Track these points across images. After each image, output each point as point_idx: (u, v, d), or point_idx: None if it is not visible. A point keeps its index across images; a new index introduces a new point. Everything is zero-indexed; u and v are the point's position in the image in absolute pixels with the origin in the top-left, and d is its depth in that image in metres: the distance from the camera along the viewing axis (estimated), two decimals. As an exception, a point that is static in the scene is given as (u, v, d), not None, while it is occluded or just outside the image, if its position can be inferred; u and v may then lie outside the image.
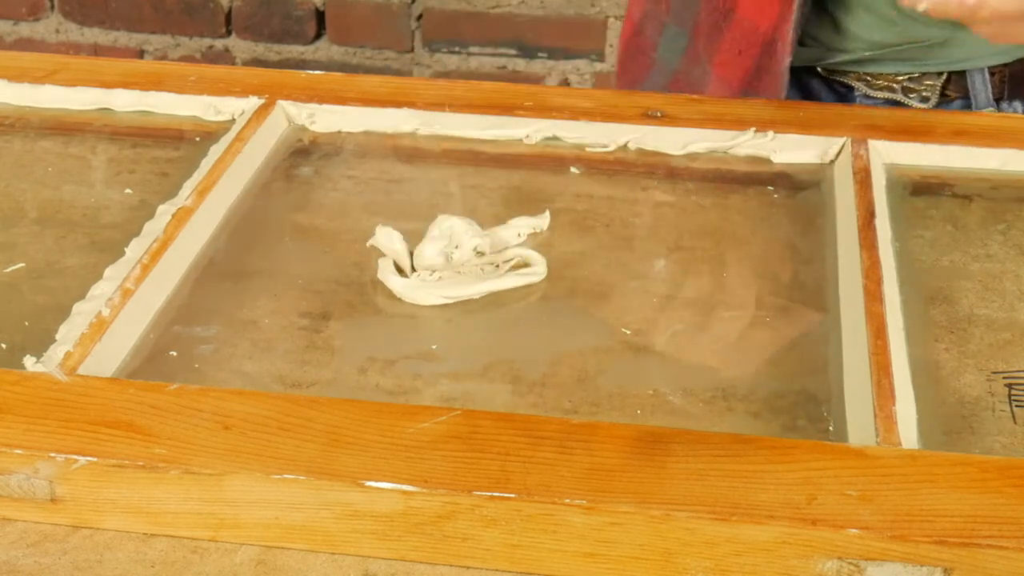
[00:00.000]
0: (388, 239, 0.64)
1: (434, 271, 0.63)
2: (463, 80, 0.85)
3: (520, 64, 1.69)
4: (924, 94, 0.87)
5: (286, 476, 0.49)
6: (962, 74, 0.87)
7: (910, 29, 0.83)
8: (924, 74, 0.87)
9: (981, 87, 0.87)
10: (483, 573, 0.49)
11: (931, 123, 0.76)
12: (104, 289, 0.60)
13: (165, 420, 0.52)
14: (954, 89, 0.87)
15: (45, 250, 0.67)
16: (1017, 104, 0.88)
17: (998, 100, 0.87)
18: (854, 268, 0.62)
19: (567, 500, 0.48)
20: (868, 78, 0.88)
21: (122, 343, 0.59)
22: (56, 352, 0.56)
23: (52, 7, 1.91)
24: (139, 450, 0.50)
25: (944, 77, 0.87)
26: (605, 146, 0.76)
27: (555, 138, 0.77)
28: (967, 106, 0.87)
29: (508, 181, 0.73)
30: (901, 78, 0.87)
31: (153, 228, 0.65)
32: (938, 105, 0.87)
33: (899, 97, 0.87)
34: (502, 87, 0.81)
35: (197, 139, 0.77)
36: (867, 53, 0.86)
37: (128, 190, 0.72)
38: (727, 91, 0.85)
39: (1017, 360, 0.58)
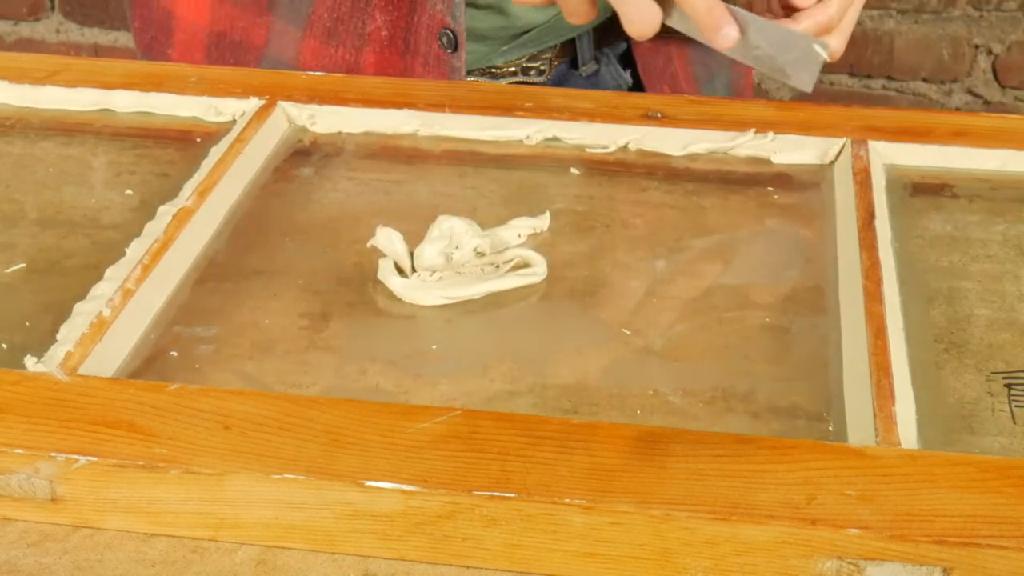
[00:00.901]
0: (388, 239, 0.64)
1: (434, 271, 0.63)
2: (463, 81, 0.85)
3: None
4: (540, 68, 0.92)
5: (286, 476, 0.49)
6: (570, 40, 0.93)
7: (526, 18, 0.88)
8: (540, 52, 0.93)
9: (587, 47, 0.94)
10: (483, 573, 0.49)
11: (931, 124, 0.76)
12: (105, 289, 0.60)
13: (165, 420, 0.52)
14: (561, 54, 0.93)
15: (46, 250, 0.67)
16: (608, 51, 0.95)
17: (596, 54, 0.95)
18: (854, 268, 0.63)
19: (567, 500, 0.48)
20: (492, 71, 0.92)
21: (123, 343, 0.59)
22: (57, 352, 0.56)
23: (52, 7, 1.92)
24: (139, 450, 0.50)
25: (556, 48, 0.93)
26: (605, 147, 0.76)
27: (555, 139, 0.77)
28: (574, 66, 0.94)
29: (508, 182, 0.73)
30: (520, 60, 0.92)
31: (154, 229, 0.65)
32: (551, 74, 0.92)
33: (520, 78, 0.92)
34: (502, 88, 0.81)
35: (198, 140, 0.77)
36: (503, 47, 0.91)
37: (129, 191, 0.72)
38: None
39: (1017, 360, 0.58)
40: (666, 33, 0.72)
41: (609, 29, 0.94)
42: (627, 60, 0.97)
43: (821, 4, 0.72)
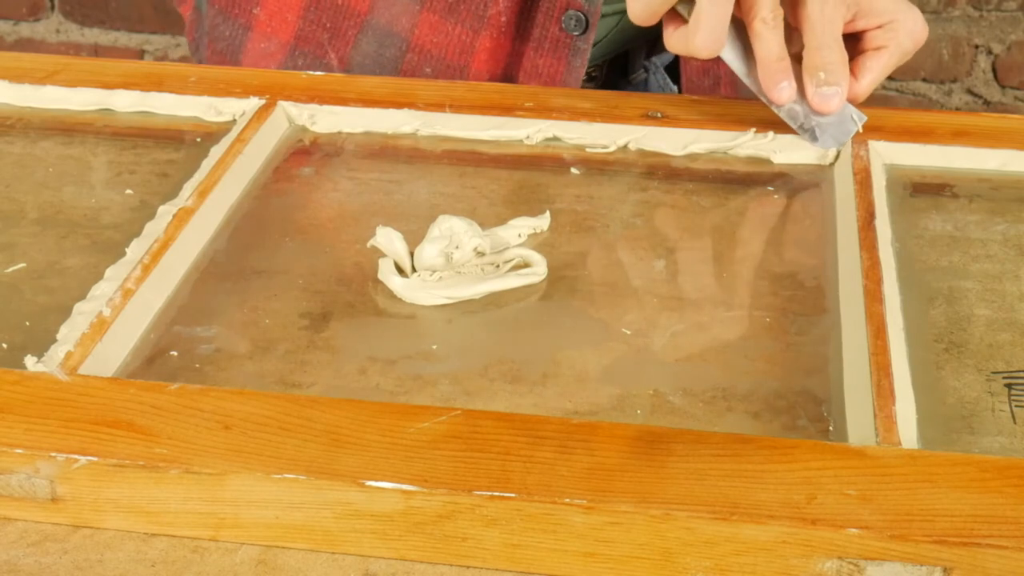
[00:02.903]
0: (388, 239, 0.64)
1: (434, 271, 0.63)
2: (463, 81, 0.85)
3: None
4: (593, 74, 0.92)
5: (287, 476, 0.49)
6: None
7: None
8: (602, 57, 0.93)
9: (638, 55, 0.95)
10: (483, 572, 0.49)
11: (931, 124, 0.76)
12: (105, 289, 0.60)
13: (166, 420, 0.52)
14: (613, 61, 0.94)
15: (46, 250, 0.67)
16: (656, 61, 0.97)
17: None
18: (854, 268, 0.63)
19: (567, 500, 0.48)
20: None
21: (123, 343, 0.59)
22: (57, 352, 0.56)
23: (52, 7, 1.92)
24: (140, 450, 0.50)
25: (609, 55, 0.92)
26: (605, 147, 0.76)
27: (555, 138, 0.77)
28: (623, 73, 0.95)
29: (508, 181, 0.73)
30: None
31: (154, 228, 0.65)
32: (602, 79, 0.93)
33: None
34: (502, 88, 0.81)
35: (198, 140, 0.77)
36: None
37: (129, 191, 0.72)
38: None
39: (1017, 360, 0.58)
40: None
41: (659, 39, 0.94)
42: (674, 72, 0.96)
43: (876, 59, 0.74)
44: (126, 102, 0.80)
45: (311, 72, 0.83)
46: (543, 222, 0.68)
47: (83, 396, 0.53)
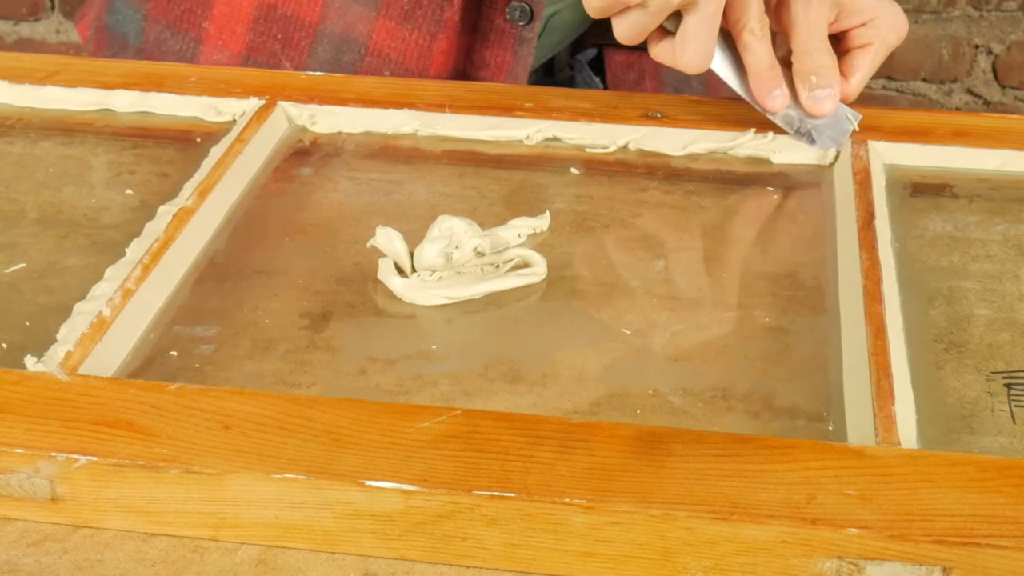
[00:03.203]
0: (388, 239, 0.64)
1: (434, 271, 0.63)
2: (463, 82, 0.85)
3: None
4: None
5: (286, 476, 0.49)
6: None
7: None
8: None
9: (564, 54, 0.96)
10: (483, 573, 0.49)
11: (931, 124, 0.76)
12: (105, 289, 0.60)
13: (166, 420, 0.52)
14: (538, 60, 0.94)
15: (46, 250, 0.67)
16: (581, 59, 0.97)
17: None
18: (854, 268, 0.63)
19: (567, 500, 0.48)
20: None
21: (123, 343, 0.59)
22: (57, 352, 0.56)
23: (52, 7, 1.92)
24: (140, 450, 0.50)
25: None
26: (605, 147, 0.76)
27: (555, 139, 0.77)
28: (548, 72, 0.97)
29: (508, 181, 0.73)
30: None
31: (154, 228, 0.65)
32: (527, 79, 0.91)
33: None
34: (502, 88, 0.81)
35: (198, 140, 0.77)
36: None
37: (129, 191, 0.72)
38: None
39: (1017, 360, 0.59)
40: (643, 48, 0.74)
41: (582, 37, 0.94)
42: (598, 67, 0.97)
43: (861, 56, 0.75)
44: (126, 102, 0.80)
45: (311, 72, 0.83)
46: (543, 222, 0.68)
47: (83, 396, 0.53)
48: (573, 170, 0.74)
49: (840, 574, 0.47)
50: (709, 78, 0.75)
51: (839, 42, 0.76)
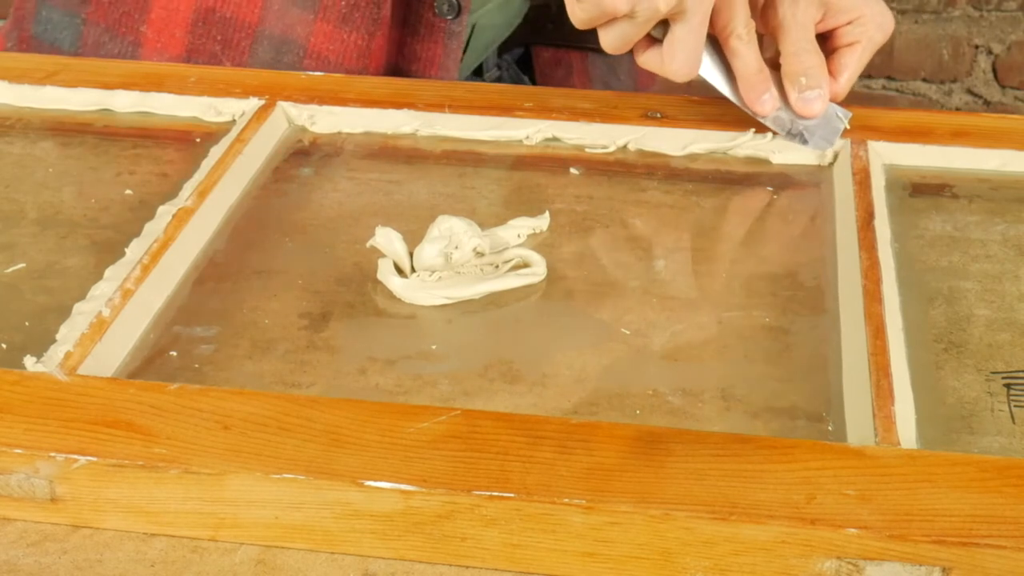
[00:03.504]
0: (388, 239, 0.64)
1: (434, 271, 0.63)
2: (463, 82, 0.85)
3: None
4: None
5: (286, 476, 0.49)
6: None
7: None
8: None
9: (492, 54, 0.96)
10: (483, 573, 0.49)
11: (931, 124, 0.76)
12: (104, 289, 0.60)
13: (165, 420, 0.52)
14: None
15: (45, 250, 0.67)
16: (508, 58, 0.98)
17: None
18: (853, 269, 0.63)
19: (566, 500, 0.48)
20: None
21: (122, 343, 0.59)
22: (56, 352, 0.56)
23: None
24: (139, 450, 0.50)
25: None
26: (605, 147, 0.76)
27: (555, 139, 0.77)
28: (477, 72, 0.96)
29: (508, 182, 0.73)
30: None
31: (153, 228, 0.65)
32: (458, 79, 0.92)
33: None
34: (502, 88, 0.81)
35: (197, 140, 0.77)
36: None
37: (128, 191, 0.72)
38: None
39: (1016, 360, 0.59)
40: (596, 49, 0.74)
41: (509, 37, 0.95)
42: (526, 66, 0.98)
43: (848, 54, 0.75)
44: (126, 102, 0.80)
45: (311, 72, 0.83)
46: (542, 222, 0.68)
47: (82, 396, 0.53)
48: (573, 170, 0.74)
49: (839, 574, 0.47)
50: (638, 72, 0.75)
51: (826, 41, 0.76)
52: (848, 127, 0.74)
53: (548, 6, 0.94)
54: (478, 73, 0.96)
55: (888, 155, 0.74)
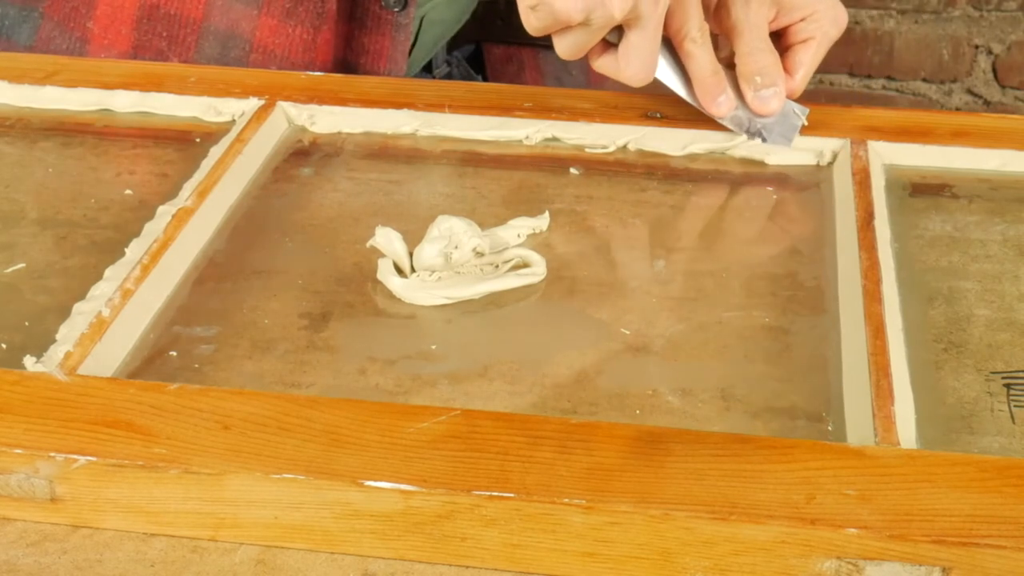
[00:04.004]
0: (388, 239, 0.64)
1: (434, 271, 0.63)
2: (463, 82, 0.85)
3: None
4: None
5: (286, 476, 0.49)
6: None
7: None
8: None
9: (441, 51, 0.96)
10: (482, 573, 0.49)
11: (930, 124, 0.76)
12: (104, 289, 0.60)
13: (165, 420, 0.52)
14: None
15: (45, 250, 0.67)
16: (458, 55, 0.98)
17: None
18: (853, 269, 0.63)
19: (566, 500, 0.48)
20: None
21: (122, 343, 0.59)
22: (56, 352, 0.56)
23: (53, 8, 1.91)
24: (139, 450, 0.50)
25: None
26: (605, 147, 0.76)
27: (555, 139, 0.77)
28: (427, 69, 0.96)
29: (508, 182, 0.73)
30: None
31: (153, 228, 0.65)
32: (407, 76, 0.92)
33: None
34: (501, 88, 0.81)
35: (197, 140, 0.77)
36: None
37: (128, 191, 0.72)
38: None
39: (1016, 360, 0.59)
40: (531, 42, 0.74)
41: (459, 33, 0.95)
42: (477, 63, 0.98)
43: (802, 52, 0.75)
44: (126, 102, 0.80)
45: (311, 72, 0.83)
46: (542, 222, 0.68)
47: (82, 396, 0.53)
48: (573, 170, 0.74)
49: (839, 574, 0.47)
50: (589, 69, 0.75)
51: (780, 39, 0.76)
52: (806, 123, 0.74)
53: (497, 3, 0.94)
54: (428, 69, 0.96)
55: (888, 155, 0.74)
